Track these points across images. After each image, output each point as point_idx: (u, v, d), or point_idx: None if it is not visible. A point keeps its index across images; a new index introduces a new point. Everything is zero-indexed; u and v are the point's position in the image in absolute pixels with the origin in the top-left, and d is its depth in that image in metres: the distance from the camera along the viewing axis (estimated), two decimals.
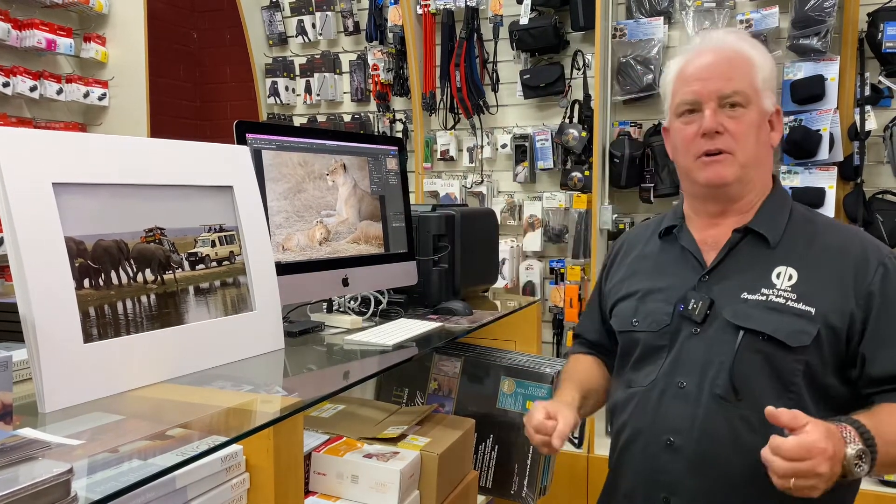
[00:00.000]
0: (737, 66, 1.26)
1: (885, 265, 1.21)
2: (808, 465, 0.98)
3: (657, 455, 1.25)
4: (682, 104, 1.28)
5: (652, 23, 3.26)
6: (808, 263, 1.23)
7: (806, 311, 1.19)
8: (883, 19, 2.86)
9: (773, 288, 1.21)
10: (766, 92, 1.28)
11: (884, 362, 1.17)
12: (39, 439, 0.81)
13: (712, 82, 1.25)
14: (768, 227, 1.27)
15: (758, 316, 1.20)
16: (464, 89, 3.68)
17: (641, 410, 1.29)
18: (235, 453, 1.11)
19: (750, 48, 1.29)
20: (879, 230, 2.94)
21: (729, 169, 1.24)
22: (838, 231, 1.29)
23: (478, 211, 2.34)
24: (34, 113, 3.73)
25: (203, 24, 4.98)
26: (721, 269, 1.27)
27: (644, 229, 1.48)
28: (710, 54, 1.27)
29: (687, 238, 1.33)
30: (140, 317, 1.18)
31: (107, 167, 1.19)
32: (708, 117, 1.23)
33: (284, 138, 1.66)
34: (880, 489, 2.84)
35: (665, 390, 1.26)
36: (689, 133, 1.27)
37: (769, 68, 1.29)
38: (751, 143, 1.25)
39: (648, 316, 1.32)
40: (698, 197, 1.33)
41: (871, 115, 2.95)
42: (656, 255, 1.38)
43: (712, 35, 1.33)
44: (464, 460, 1.76)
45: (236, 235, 1.41)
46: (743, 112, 1.24)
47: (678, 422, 1.23)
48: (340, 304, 1.85)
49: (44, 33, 3.56)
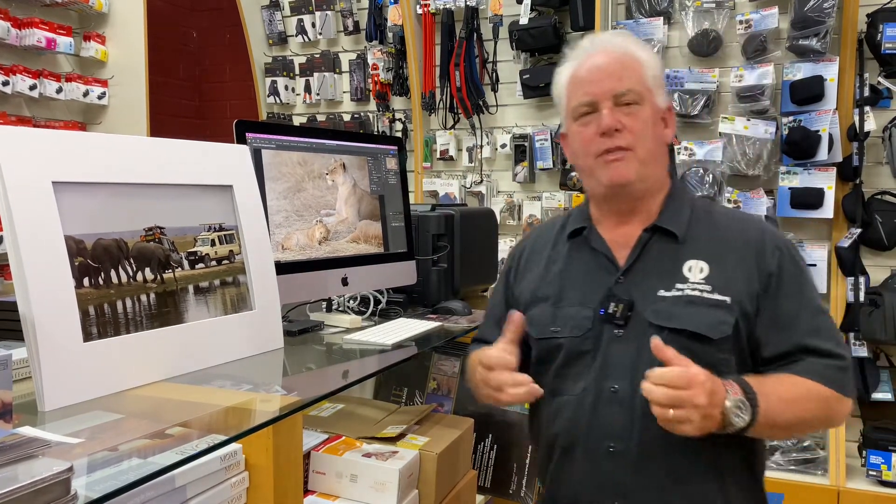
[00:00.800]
0: (627, 65, 1.27)
1: (780, 249, 1.25)
2: (688, 395, 1.03)
3: (599, 463, 1.24)
4: (578, 106, 1.29)
5: (652, 23, 3.26)
6: (715, 254, 1.25)
7: (722, 301, 1.21)
8: (882, 20, 2.87)
9: (686, 282, 1.23)
10: (657, 90, 1.30)
11: (777, 342, 1.21)
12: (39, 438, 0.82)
13: (606, 82, 1.26)
14: (675, 223, 1.29)
15: (677, 313, 1.21)
16: (463, 89, 3.68)
17: (576, 418, 1.26)
18: (235, 452, 1.11)
19: (637, 49, 1.31)
20: (878, 231, 2.95)
21: (630, 167, 1.25)
22: (737, 220, 1.32)
23: (477, 211, 2.34)
24: (34, 112, 3.73)
25: (203, 24, 4.98)
26: (635, 269, 1.28)
27: (547, 232, 1.45)
28: (600, 56, 1.29)
29: (597, 239, 1.33)
30: (140, 316, 1.18)
31: (107, 166, 1.19)
32: (606, 115, 1.25)
33: (284, 137, 1.66)
34: (879, 490, 2.84)
35: (598, 396, 1.24)
36: (588, 134, 1.28)
37: (657, 67, 1.31)
38: (648, 139, 1.27)
39: (569, 321, 1.29)
40: (603, 198, 1.33)
41: (870, 116, 2.95)
42: (566, 257, 1.36)
43: (599, 38, 1.35)
44: (463, 460, 1.76)
45: (236, 235, 1.41)
46: (638, 109, 1.26)
47: (616, 428, 1.22)
48: (340, 304, 1.86)
49: (43, 32, 3.56)
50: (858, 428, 2.99)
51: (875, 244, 2.99)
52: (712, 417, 1.06)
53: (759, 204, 3.06)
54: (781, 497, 2.90)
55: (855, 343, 2.95)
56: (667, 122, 1.32)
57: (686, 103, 3.20)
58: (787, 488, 2.91)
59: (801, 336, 1.21)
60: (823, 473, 2.95)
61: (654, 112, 1.29)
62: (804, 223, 3.14)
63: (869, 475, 2.86)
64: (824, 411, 1.19)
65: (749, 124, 3.07)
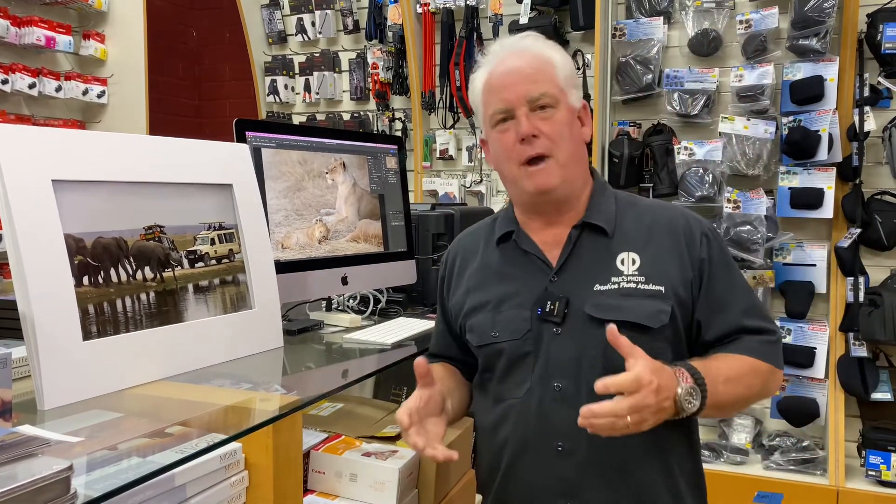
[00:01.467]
0: (538, 68, 1.27)
1: (706, 235, 1.28)
2: (638, 398, 1.03)
3: (549, 463, 1.23)
4: (495, 114, 1.28)
5: (652, 23, 3.26)
6: (644, 245, 1.27)
7: (657, 291, 1.23)
8: (882, 20, 2.86)
9: (621, 275, 1.25)
10: (570, 90, 1.30)
11: (716, 326, 1.25)
12: (39, 436, 0.81)
13: (519, 87, 1.25)
14: (602, 218, 1.29)
15: (616, 305, 1.22)
16: (463, 88, 3.68)
17: (523, 421, 1.26)
18: (234, 451, 1.11)
19: (548, 49, 1.30)
20: (878, 231, 2.95)
21: (553, 175, 1.25)
22: (661, 209, 1.34)
23: (477, 210, 2.34)
24: (33, 110, 3.73)
25: (202, 22, 4.97)
26: (567, 266, 1.28)
27: (474, 237, 1.44)
28: (511, 60, 1.28)
29: (527, 241, 1.33)
30: (139, 314, 1.18)
31: (106, 165, 1.19)
32: (523, 123, 1.24)
33: (284, 136, 1.66)
34: (879, 490, 2.84)
35: (542, 396, 1.24)
36: (507, 141, 1.27)
37: (569, 66, 1.31)
38: (566, 142, 1.27)
39: (508, 325, 1.29)
40: (529, 204, 1.33)
41: (869, 116, 2.95)
42: (498, 262, 1.36)
43: (509, 41, 1.34)
44: (462, 459, 1.76)
45: (235, 233, 1.41)
46: (553, 112, 1.26)
47: (563, 426, 1.21)
48: (339, 303, 1.86)
49: (43, 30, 3.55)
50: (858, 428, 2.99)
51: (875, 244, 2.99)
52: (665, 410, 1.07)
53: (758, 204, 3.06)
54: (781, 497, 2.91)
55: (854, 343, 2.95)
56: (583, 120, 1.33)
57: (686, 103, 3.20)
58: (786, 488, 2.92)
59: (737, 317, 1.25)
60: (822, 473, 2.95)
61: (570, 113, 1.29)
62: (804, 223, 3.14)
63: (868, 475, 2.86)
64: (762, 385, 1.24)
65: (749, 124, 3.07)
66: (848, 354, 2.95)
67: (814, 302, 3.07)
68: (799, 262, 3.10)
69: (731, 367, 1.20)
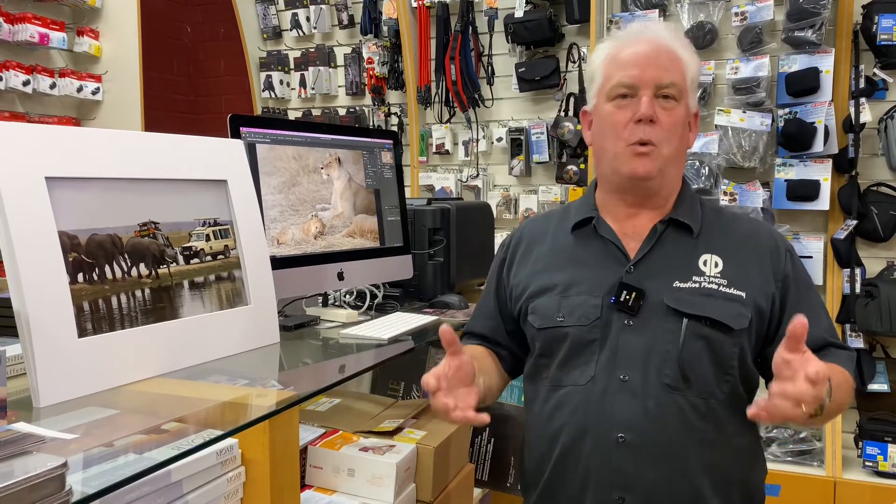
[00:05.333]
0: (673, 59, 1.27)
1: (790, 252, 1.30)
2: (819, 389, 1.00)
3: (609, 454, 1.21)
4: (618, 86, 1.26)
5: (647, 15, 3.26)
6: (728, 251, 1.27)
7: (738, 296, 1.23)
8: (877, 11, 2.86)
9: (703, 275, 1.24)
10: (693, 92, 1.30)
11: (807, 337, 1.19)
12: (34, 434, 0.81)
13: (651, 70, 1.24)
14: (690, 218, 1.29)
15: (697, 302, 1.22)
16: (459, 83, 3.67)
17: (584, 409, 1.23)
18: (231, 447, 1.11)
19: (682, 47, 1.31)
20: (874, 222, 2.95)
21: (654, 163, 1.25)
22: (745, 221, 1.36)
23: (473, 205, 2.33)
24: (27, 107, 3.72)
25: (197, 18, 4.96)
26: (648, 259, 1.27)
27: (543, 223, 1.43)
28: (647, 44, 1.27)
29: (606, 229, 1.32)
30: (134, 311, 1.18)
31: (101, 161, 1.18)
32: (645, 104, 1.23)
33: (279, 132, 1.66)
34: (876, 480, 2.85)
35: (607, 386, 1.22)
36: (621, 118, 1.25)
37: (696, 70, 1.32)
38: (677, 138, 1.26)
39: (575, 310, 1.27)
40: (616, 187, 1.31)
41: (865, 108, 2.95)
42: (572, 247, 1.34)
43: (651, 25, 1.34)
44: (460, 453, 1.77)
45: (231, 229, 1.40)
46: (675, 105, 1.26)
47: (627, 416, 1.20)
48: (336, 298, 1.85)
49: (36, 27, 3.54)
50: (854, 419, 3.00)
51: (871, 236, 2.99)
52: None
53: (754, 196, 3.07)
54: (778, 488, 2.92)
55: (851, 334, 2.96)
56: (692, 126, 1.33)
57: None
58: (783, 479, 2.92)
59: (823, 332, 1.26)
60: (820, 465, 2.96)
61: (687, 113, 1.29)
62: (800, 215, 3.14)
63: (865, 466, 2.88)
64: (850, 396, 1.24)
65: (745, 116, 3.07)
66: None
67: None
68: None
69: (839, 376, 1.18)
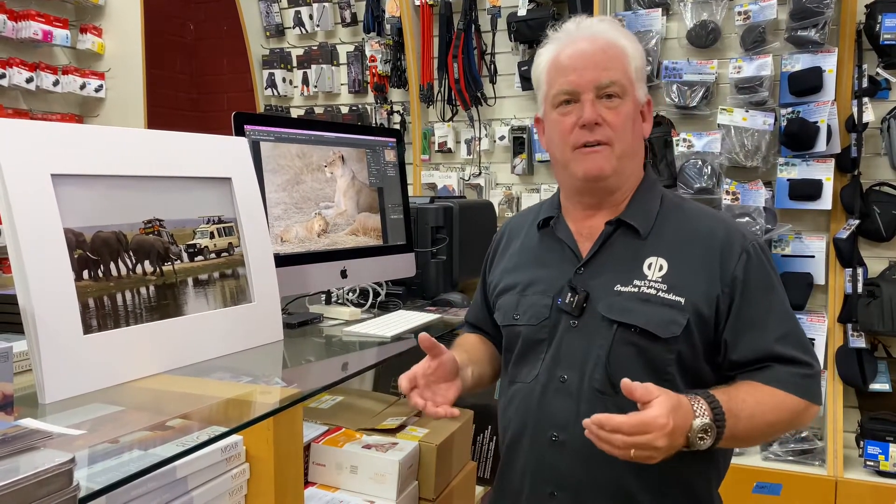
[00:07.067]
0: (612, 56, 1.24)
1: (747, 251, 1.22)
2: (647, 439, 1.00)
3: (543, 451, 1.24)
4: (559, 94, 1.25)
5: (650, 14, 3.25)
6: (677, 252, 1.23)
7: (676, 302, 1.19)
8: (881, 11, 2.86)
9: (644, 279, 1.22)
10: (639, 82, 1.27)
11: (744, 348, 1.19)
12: (41, 429, 0.82)
13: (589, 72, 1.22)
14: (640, 219, 1.27)
15: (630, 308, 1.20)
16: (462, 81, 3.67)
17: (525, 406, 1.27)
18: (235, 444, 1.12)
19: (623, 38, 1.27)
20: (876, 222, 2.95)
21: (607, 161, 1.23)
22: (706, 217, 1.29)
23: (476, 203, 2.34)
24: (30, 104, 3.72)
25: (200, 16, 4.96)
26: (595, 261, 1.27)
27: (524, 218, 1.44)
28: (585, 43, 1.25)
29: (563, 230, 1.32)
30: (139, 308, 1.18)
31: (105, 159, 1.19)
32: (587, 109, 1.22)
33: (282, 130, 1.66)
34: (877, 480, 2.85)
35: (547, 385, 1.24)
36: (566, 124, 1.25)
37: (641, 59, 1.28)
38: (627, 134, 1.24)
39: (529, 309, 1.29)
40: (575, 190, 1.31)
41: (868, 107, 2.95)
42: (535, 246, 1.36)
43: (585, 22, 1.30)
44: (462, 451, 1.77)
45: (235, 227, 1.41)
46: (620, 103, 1.23)
47: (561, 417, 1.22)
48: (339, 296, 1.86)
49: (40, 24, 3.55)
50: (856, 418, 3.00)
51: (873, 235, 2.99)
52: (674, 447, 1.04)
53: (757, 195, 3.06)
54: (779, 487, 2.92)
55: (853, 334, 2.96)
56: (645, 115, 1.30)
57: (684, 95, 3.20)
58: (784, 479, 2.93)
59: (769, 342, 1.19)
60: (821, 464, 2.96)
61: (635, 106, 1.26)
62: (802, 214, 3.14)
63: (866, 465, 2.88)
64: (791, 420, 1.18)
65: (747, 116, 3.06)
66: (846, 345, 2.96)
67: (812, 293, 3.08)
68: (797, 253, 3.10)
69: (759, 400, 1.14)
